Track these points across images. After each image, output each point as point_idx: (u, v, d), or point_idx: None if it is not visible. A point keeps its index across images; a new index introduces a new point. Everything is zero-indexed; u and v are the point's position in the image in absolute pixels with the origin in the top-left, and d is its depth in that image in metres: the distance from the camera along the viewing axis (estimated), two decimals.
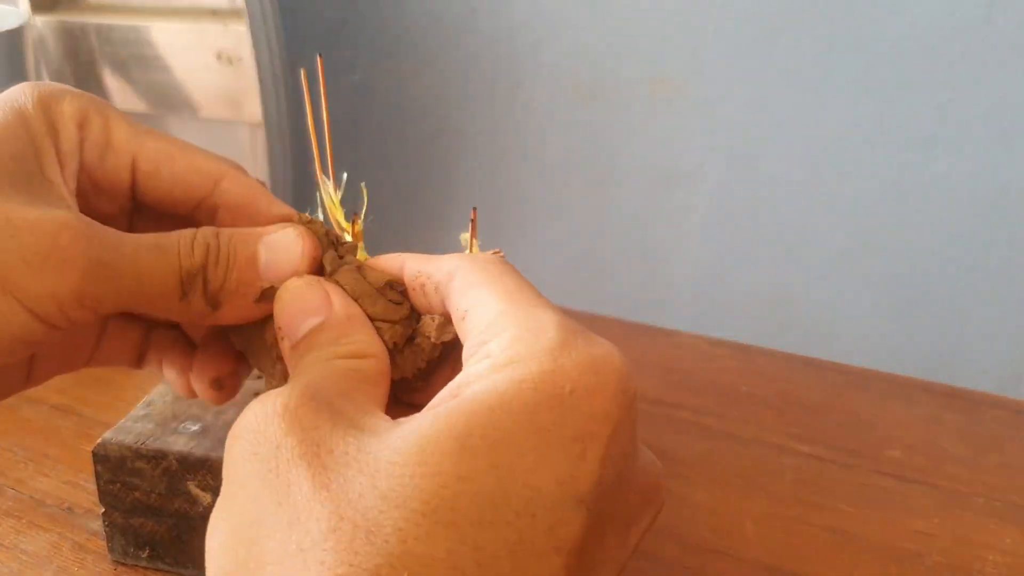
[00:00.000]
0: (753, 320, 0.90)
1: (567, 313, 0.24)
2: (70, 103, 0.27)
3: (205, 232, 0.26)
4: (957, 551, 0.40)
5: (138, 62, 0.89)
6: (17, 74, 0.62)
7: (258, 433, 0.20)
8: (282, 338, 0.26)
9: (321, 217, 0.37)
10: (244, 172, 0.30)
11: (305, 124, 0.36)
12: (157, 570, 0.37)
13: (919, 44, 0.74)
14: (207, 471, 0.35)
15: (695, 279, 0.91)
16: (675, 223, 0.89)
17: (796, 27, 0.77)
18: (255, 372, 0.32)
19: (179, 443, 0.35)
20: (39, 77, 0.93)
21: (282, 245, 0.27)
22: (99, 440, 0.36)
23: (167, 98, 0.91)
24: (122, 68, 0.91)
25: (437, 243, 0.83)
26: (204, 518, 0.36)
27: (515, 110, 0.90)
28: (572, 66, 0.88)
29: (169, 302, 0.26)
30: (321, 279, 0.27)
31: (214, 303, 0.26)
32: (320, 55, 0.34)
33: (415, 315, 0.28)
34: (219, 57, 0.83)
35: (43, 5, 0.90)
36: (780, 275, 0.87)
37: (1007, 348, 0.81)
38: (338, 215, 0.37)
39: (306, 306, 0.26)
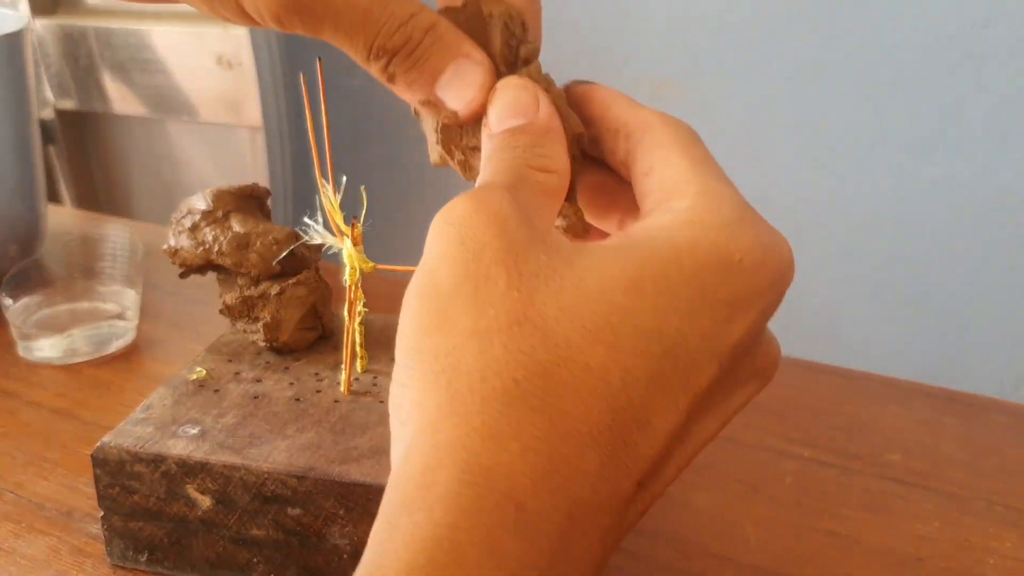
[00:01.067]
0: None
1: None
2: None
3: (417, 21, 0.26)
4: (957, 555, 0.40)
5: (138, 65, 0.89)
6: (17, 77, 0.62)
7: (470, 227, 0.23)
8: (485, 125, 0.27)
9: (320, 221, 0.37)
10: None
11: (305, 127, 0.35)
12: (156, 574, 0.37)
13: (919, 47, 0.74)
14: (206, 474, 0.35)
15: None
16: None
17: (797, 31, 0.77)
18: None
19: (178, 447, 0.35)
20: (39, 80, 0.93)
21: (467, 79, 0.27)
22: (98, 444, 0.36)
23: (167, 101, 0.91)
24: (122, 71, 0.91)
25: None
26: (203, 521, 0.36)
27: None
28: (573, 68, 0.88)
29: (355, 54, 0.27)
30: (538, 86, 0.27)
31: (390, 78, 0.27)
32: (319, 58, 0.34)
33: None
34: (219, 61, 0.83)
35: (43, 8, 0.90)
36: None
37: (1007, 352, 0.81)
38: (338, 219, 0.37)
39: (517, 105, 0.27)
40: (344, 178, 0.35)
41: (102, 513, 0.37)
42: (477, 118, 0.28)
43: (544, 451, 0.21)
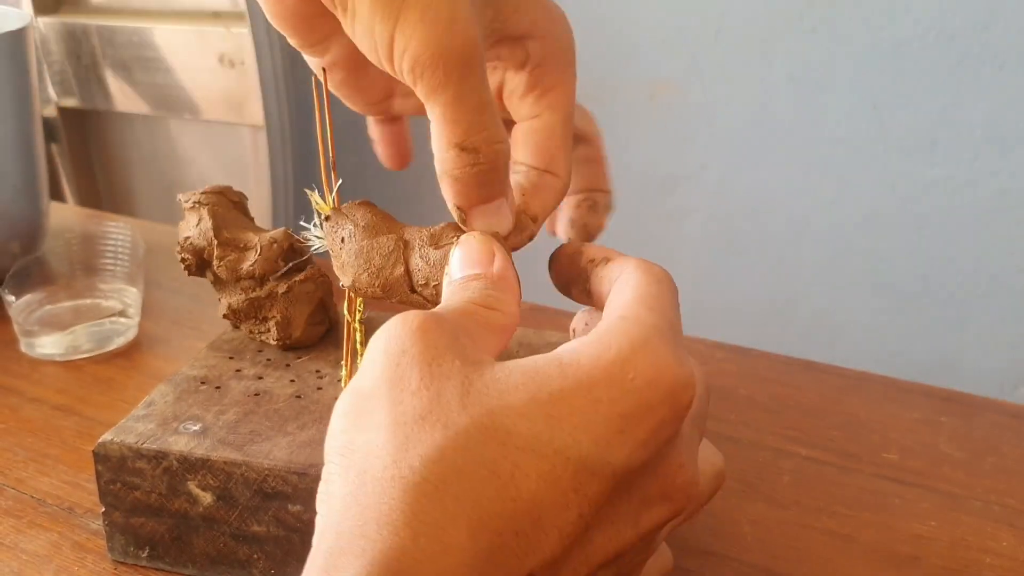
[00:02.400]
0: (752, 323, 0.90)
1: (566, 317, 0.26)
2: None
3: (502, 150, 0.31)
4: (954, 554, 0.40)
5: (140, 64, 0.89)
6: (20, 75, 0.63)
7: (393, 337, 0.25)
8: (447, 272, 0.32)
9: (316, 220, 0.37)
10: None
11: (306, 126, 0.36)
12: (157, 570, 0.38)
13: (918, 50, 0.74)
14: (207, 471, 0.35)
15: (694, 281, 0.91)
16: (674, 226, 0.89)
17: (796, 32, 0.77)
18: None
19: (180, 443, 0.36)
20: (42, 78, 0.93)
21: (500, 219, 0.32)
22: (100, 440, 0.36)
23: (169, 100, 0.91)
24: (124, 70, 0.91)
25: None
26: (204, 518, 0.36)
27: None
28: None
29: (443, 134, 0.31)
30: (495, 240, 0.31)
31: (450, 171, 0.31)
32: (325, 69, 0.34)
33: None
34: (221, 60, 0.83)
35: (46, 7, 0.90)
36: (779, 278, 0.87)
37: (1005, 352, 0.81)
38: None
39: (475, 257, 0.31)
40: (340, 181, 0.36)
41: (103, 509, 0.37)
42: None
43: (435, 536, 0.22)
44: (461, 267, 0.31)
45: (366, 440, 0.24)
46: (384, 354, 0.25)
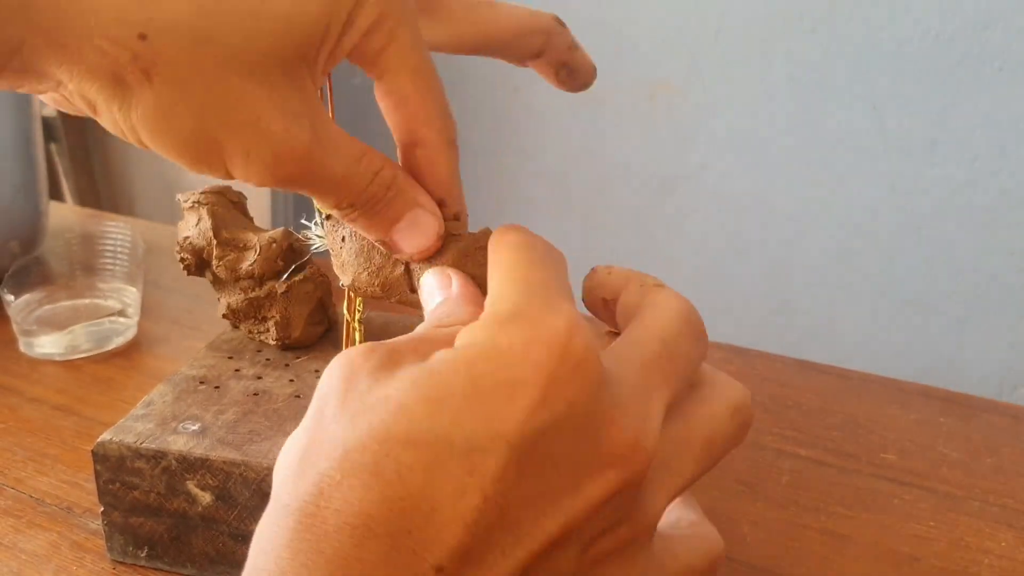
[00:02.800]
0: (751, 323, 0.90)
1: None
2: (373, 6, 0.29)
3: (381, 179, 0.31)
4: (953, 554, 0.40)
5: None
6: None
7: (325, 376, 0.26)
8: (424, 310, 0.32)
9: (317, 219, 0.37)
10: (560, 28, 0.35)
11: None
12: (156, 569, 0.38)
13: (918, 50, 0.74)
14: (206, 471, 0.35)
15: (693, 281, 0.91)
16: (674, 226, 0.89)
17: (796, 33, 0.77)
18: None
19: (178, 443, 0.36)
20: None
21: (420, 228, 0.32)
22: (99, 440, 0.36)
23: None
24: None
25: None
26: (203, 517, 0.36)
27: (515, 112, 0.90)
28: None
29: (326, 207, 0.32)
30: (447, 268, 0.32)
31: (352, 221, 0.32)
32: (329, 74, 0.34)
33: None
34: None
35: None
36: (778, 279, 0.87)
37: (1005, 354, 0.81)
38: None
39: (432, 291, 0.32)
40: None
41: (102, 509, 0.37)
42: (427, 258, 0.33)
43: (314, 550, 0.22)
44: (427, 302, 0.32)
45: (278, 480, 0.25)
46: (318, 394, 0.26)
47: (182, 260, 0.44)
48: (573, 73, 0.42)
